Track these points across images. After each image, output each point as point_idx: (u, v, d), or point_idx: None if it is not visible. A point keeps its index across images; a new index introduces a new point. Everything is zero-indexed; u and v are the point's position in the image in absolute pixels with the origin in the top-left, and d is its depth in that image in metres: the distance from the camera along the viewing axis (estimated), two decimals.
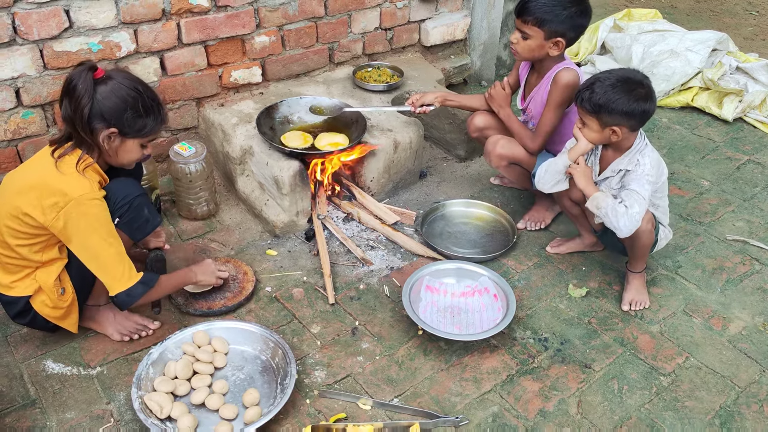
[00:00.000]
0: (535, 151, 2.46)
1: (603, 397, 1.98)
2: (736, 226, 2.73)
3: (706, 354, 2.13)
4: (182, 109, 2.79)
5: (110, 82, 1.81)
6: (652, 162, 2.11)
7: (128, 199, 1.92)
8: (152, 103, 1.88)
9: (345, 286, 2.36)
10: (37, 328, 2.02)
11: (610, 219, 2.06)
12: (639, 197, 2.05)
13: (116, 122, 1.82)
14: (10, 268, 1.90)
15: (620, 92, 2.02)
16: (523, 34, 2.32)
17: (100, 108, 1.79)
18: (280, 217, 2.56)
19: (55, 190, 1.78)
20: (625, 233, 2.06)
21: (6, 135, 2.42)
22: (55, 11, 2.30)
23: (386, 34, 3.28)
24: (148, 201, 2.02)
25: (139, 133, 1.87)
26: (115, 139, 1.85)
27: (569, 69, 2.35)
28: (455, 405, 1.93)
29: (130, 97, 1.82)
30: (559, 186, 2.27)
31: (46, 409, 1.88)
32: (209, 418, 1.85)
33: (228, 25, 2.71)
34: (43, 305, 1.92)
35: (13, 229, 1.83)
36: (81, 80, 1.77)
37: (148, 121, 1.87)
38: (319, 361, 2.06)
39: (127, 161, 1.94)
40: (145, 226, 2.01)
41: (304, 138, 2.63)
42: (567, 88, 2.32)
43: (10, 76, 2.32)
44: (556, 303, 2.32)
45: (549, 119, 2.39)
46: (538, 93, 2.47)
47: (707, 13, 5.12)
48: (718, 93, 3.56)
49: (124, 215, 1.93)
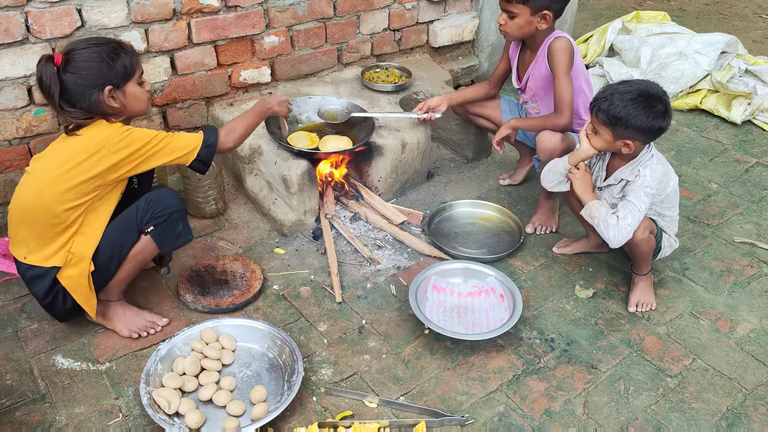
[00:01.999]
0: (568, 124, 2.39)
1: (609, 397, 1.98)
2: (744, 229, 2.72)
3: (713, 356, 2.13)
4: (192, 108, 2.81)
5: (70, 57, 1.86)
6: (653, 174, 2.09)
7: (168, 210, 1.98)
8: (113, 45, 1.93)
9: (352, 285, 2.37)
10: (55, 312, 2.04)
11: (601, 229, 2.08)
12: (634, 209, 2.05)
13: (103, 80, 1.87)
14: (47, 237, 1.92)
15: (640, 107, 1.99)
16: (509, 14, 2.34)
17: (81, 82, 1.85)
18: (288, 216, 2.57)
19: (94, 143, 1.85)
20: (614, 244, 2.07)
21: (18, 133, 2.44)
22: (68, 10, 2.33)
23: (395, 35, 3.29)
24: (185, 217, 2.07)
25: (126, 75, 1.92)
26: (116, 93, 1.90)
27: (560, 37, 2.37)
28: (461, 404, 1.94)
29: (95, 54, 1.87)
30: (560, 187, 2.28)
31: (55, 404, 1.90)
32: (217, 414, 1.86)
33: (238, 25, 2.73)
34: (73, 281, 1.94)
35: (68, 190, 1.86)
36: (44, 73, 1.83)
37: (124, 60, 1.92)
38: (325, 359, 2.07)
39: (140, 106, 2.00)
40: (176, 241, 2.07)
41: (311, 138, 2.64)
42: (565, 52, 2.34)
43: (23, 74, 2.35)
44: (562, 304, 2.32)
45: (564, 88, 2.36)
46: (535, 68, 2.47)
47: (716, 15, 5.10)
48: (727, 96, 3.55)
49: (160, 225, 1.99)
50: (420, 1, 3.27)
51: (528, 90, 2.56)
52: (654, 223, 2.20)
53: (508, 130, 2.52)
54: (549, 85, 2.45)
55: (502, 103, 2.77)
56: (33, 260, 1.95)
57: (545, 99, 2.52)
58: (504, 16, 2.36)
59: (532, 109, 2.63)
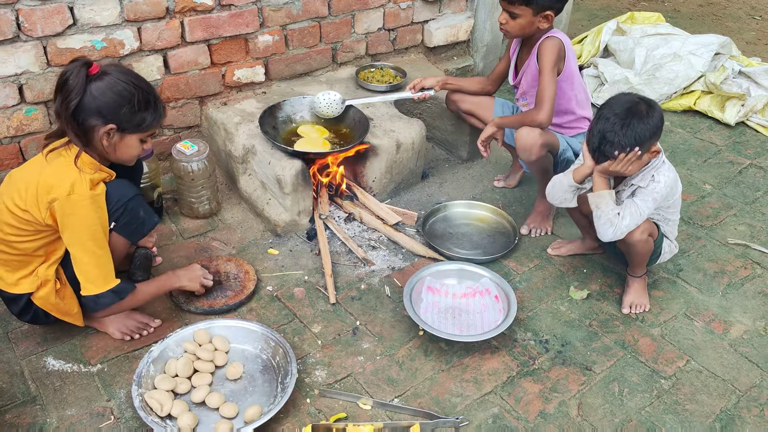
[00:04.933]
0: (546, 120, 2.36)
1: (603, 399, 1.98)
2: (738, 230, 2.72)
3: (707, 357, 2.13)
4: (185, 107, 2.79)
5: (106, 77, 1.79)
6: (666, 182, 2.08)
7: (123, 201, 1.90)
8: (150, 98, 1.86)
9: (346, 286, 2.36)
10: (40, 323, 2.03)
11: (599, 222, 2.07)
12: (636, 212, 2.05)
13: (113, 118, 1.80)
14: (14, 265, 1.90)
15: (635, 122, 1.97)
16: (511, 14, 2.34)
17: (97, 105, 1.77)
18: (282, 216, 2.56)
19: (48, 186, 1.78)
20: (604, 238, 2.08)
21: (9, 131, 2.42)
22: (59, 8, 2.30)
23: (389, 34, 3.28)
24: (144, 202, 2.00)
25: (138, 128, 1.86)
26: (114, 136, 1.83)
27: (551, 36, 2.36)
28: (456, 406, 1.93)
29: (127, 92, 1.80)
30: (566, 203, 2.26)
31: (46, 406, 1.88)
32: (209, 416, 1.85)
33: (232, 24, 2.71)
34: (45, 301, 1.92)
35: (15, 227, 1.83)
36: (74, 75, 1.75)
37: (147, 116, 1.85)
38: (319, 361, 2.06)
39: (127, 157, 1.92)
40: (142, 228, 2.01)
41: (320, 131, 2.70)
42: (553, 50, 2.33)
43: (14, 73, 2.33)
44: (557, 305, 2.32)
45: (547, 83, 2.33)
46: (528, 66, 2.47)
47: (710, 17, 5.12)
48: (721, 97, 3.56)
49: (120, 218, 1.92)
50: (415, 1, 3.26)
51: (520, 86, 2.56)
52: (656, 227, 2.19)
53: (492, 128, 2.49)
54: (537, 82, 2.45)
55: (495, 104, 2.76)
56: (2, 286, 1.92)
57: (533, 97, 2.52)
58: (505, 15, 2.36)
59: (522, 107, 2.63)
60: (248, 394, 1.92)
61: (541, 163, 2.45)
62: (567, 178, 2.20)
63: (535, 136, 2.36)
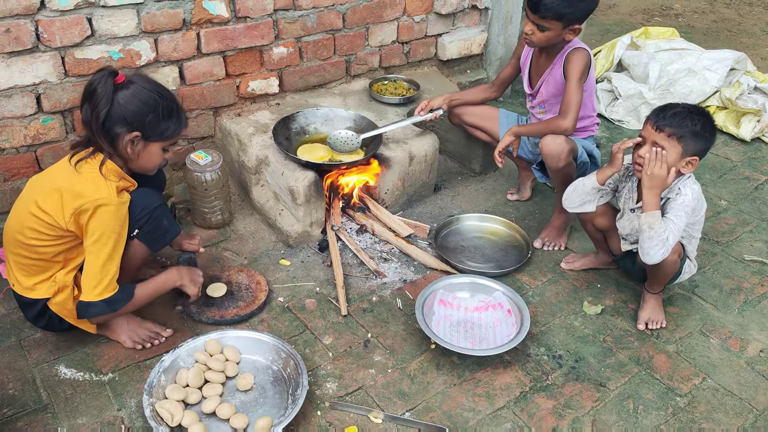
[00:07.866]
0: (571, 128, 2.37)
1: (618, 416, 1.95)
2: (755, 247, 2.69)
3: (723, 375, 2.10)
4: (199, 118, 2.81)
5: (131, 86, 1.84)
6: (693, 194, 2.05)
7: (148, 210, 1.94)
8: (173, 107, 1.91)
9: (358, 298, 2.35)
10: (53, 330, 2.04)
11: (652, 243, 1.98)
12: (675, 228, 2.00)
13: (139, 126, 1.84)
14: (32, 270, 1.91)
15: (701, 120, 1.99)
16: (540, 27, 2.34)
17: (122, 112, 1.81)
18: (294, 227, 2.56)
19: (75, 193, 1.81)
20: (653, 261, 2.00)
21: (26, 140, 2.44)
22: (78, 19, 2.33)
23: (403, 47, 3.29)
24: (167, 212, 2.04)
25: (161, 136, 1.90)
26: (138, 143, 1.87)
27: (580, 48, 2.39)
28: (468, 420, 1.91)
29: (152, 101, 1.85)
30: (585, 207, 2.24)
31: (57, 414, 1.88)
32: (220, 427, 1.84)
33: (247, 36, 2.73)
34: (62, 307, 1.93)
35: (37, 231, 1.84)
36: (101, 84, 1.80)
37: (171, 124, 1.90)
38: (330, 373, 2.04)
39: (150, 165, 1.96)
40: (164, 237, 2.04)
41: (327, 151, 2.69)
42: (582, 61, 2.36)
43: (32, 82, 2.35)
44: (570, 320, 2.30)
45: (574, 93, 2.36)
46: (551, 75, 2.47)
47: (724, 33, 5.10)
48: (736, 112, 3.54)
49: (144, 226, 1.95)
50: (429, 15, 3.27)
51: (539, 95, 2.56)
52: (682, 247, 2.16)
53: (510, 137, 2.49)
54: (561, 92, 2.45)
55: (500, 115, 2.76)
56: (19, 290, 1.94)
57: (555, 106, 2.52)
58: (532, 26, 2.36)
59: (538, 114, 2.63)
60: (259, 405, 1.91)
61: (566, 170, 2.44)
62: (590, 181, 2.18)
63: (562, 142, 2.37)
